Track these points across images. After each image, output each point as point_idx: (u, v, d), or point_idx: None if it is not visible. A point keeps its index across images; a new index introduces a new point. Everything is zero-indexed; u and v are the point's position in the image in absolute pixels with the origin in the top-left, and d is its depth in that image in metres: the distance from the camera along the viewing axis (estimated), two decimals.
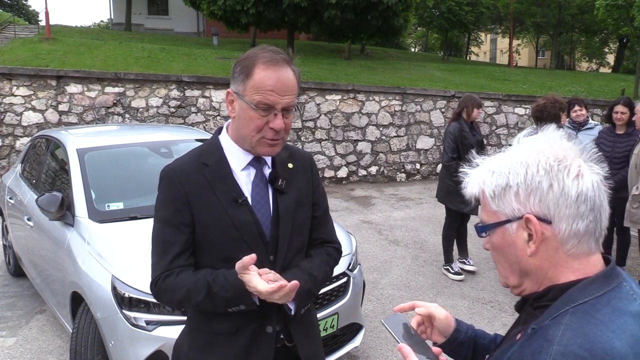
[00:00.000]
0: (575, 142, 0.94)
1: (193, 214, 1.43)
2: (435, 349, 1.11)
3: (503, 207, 0.93)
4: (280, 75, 1.38)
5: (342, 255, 3.19)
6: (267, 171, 1.52)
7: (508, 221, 0.93)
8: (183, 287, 1.40)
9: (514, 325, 1.03)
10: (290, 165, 1.57)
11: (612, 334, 0.79)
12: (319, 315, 2.86)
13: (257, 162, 1.50)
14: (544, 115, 4.27)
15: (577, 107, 5.17)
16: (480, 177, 0.97)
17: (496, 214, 0.94)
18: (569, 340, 0.79)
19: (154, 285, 1.45)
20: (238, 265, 1.32)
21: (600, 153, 0.94)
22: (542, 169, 0.89)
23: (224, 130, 1.54)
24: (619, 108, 4.72)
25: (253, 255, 1.31)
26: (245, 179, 1.49)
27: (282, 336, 1.51)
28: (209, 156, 1.49)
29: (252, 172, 1.50)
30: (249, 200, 1.47)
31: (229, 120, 1.53)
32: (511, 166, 0.92)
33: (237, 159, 1.49)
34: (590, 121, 5.26)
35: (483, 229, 0.98)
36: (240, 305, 1.40)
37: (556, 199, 0.87)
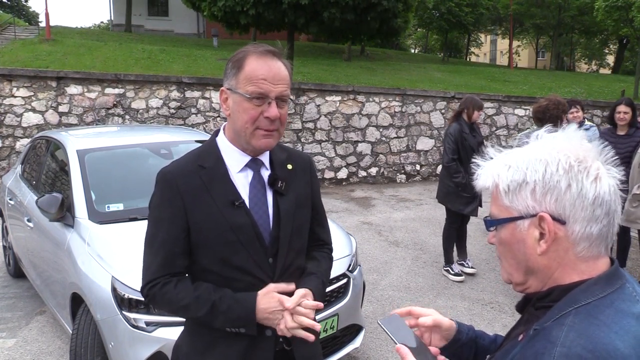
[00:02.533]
0: (595, 143, 0.92)
1: (189, 216, 1.43)
2: (434, 349, 1.11)
3: (517, 204, 0.91)
4: (271, 64, 1.40)
5: (342, 256, 3.23)
6: (265, 172, 1.52)
7: (520, 218, 0.91)
8: (182, 299, 1.42)
9: (515, 326, 1.03)
10: (289, 167, 1.57)
11: (615, 336, 0.79)
12: (319, 316, 2.86)
13: (254, 163, 1.50)
14: (546, 117, 4.25)
15: (573, 109, 5.19)
16: (495, 170, 0.95)
17: (508, 209, 0.93)
18: (572, 342, 0.79)
19: (148, 287, 1.45)
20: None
21: (617, 157, 0.92)
22: (562, 168, 0.87)
23: (221, 132, 1.53)
24: (622, 108, 4.73)
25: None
26: (242, 181, 1.48)
27: (280, 339, 1.51)
28: (206, 158, 1.48)
29: (250, 173, 1.50)
30: (247, 202, 1.46)
31: (226, 122, 1.53)
32: (529, 162, 0.90)
33: (234, 160, 1.48)
34: (586, 122, 5.28)
35: (492, 223, 0.97)
36: (241, 329, 1.43)
37: (573, 200, 0.86)
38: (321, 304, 1.45)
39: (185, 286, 1.43)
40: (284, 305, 1.41)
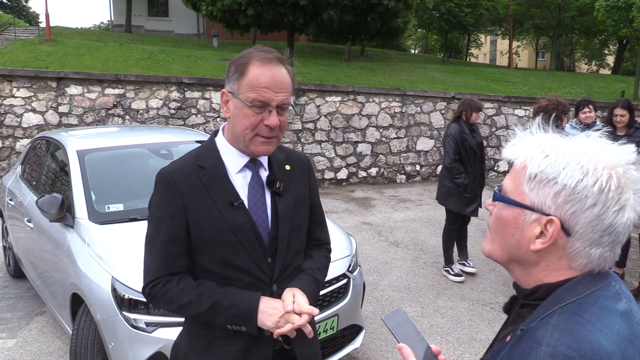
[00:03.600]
0: None
1: (188, 216, 1.43)
2: (435, 349, 1.11)
3: (534, 195, 0.88)
4: (274, 72, 1.39)
5: (342, 256, 3.23)
6: (264, 173, 1.52)
7: (531, 208, 0.88)
8: (184, 296, 1.42)
9: (503, 327, 1.03)
10: (287, 167, 1.57)
11: (600, 333, 0.80)
12: (319, 316, 2.86)
13: (253, 164, 1.50)
14: (546, 117, 4.24)
15: (586, 109, 5.15)
16: (530, 150, 0.90)
17: (523, 194, 0.89)
18: (557, 341, 0.79)
19: (149, 287, 1.46)
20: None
21: None
22: (598, 186, 0.82)
23: (220, 132, 1.54)
24: (618, 111, 4.73)
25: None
26: (241, 182, 1.49)
27: (280, 339, 1.51)
28: (206, 159, 1.49)
29: (248, 174, 1.50)
30: (245, 202, 1.47)
31: (226, 122, 1.53)
32: (569, 163, 0.85)
33: (233, 161, 1.49)
34: (597, 123, 5.24)
35: (500, 199, 0.93)
36: (242, 327, 1.43)
37: (589, 220, 0.84)
38: (315, 310, 1.45)
39: (187, 284, 1.44)
40: (286, 309, 1.41)
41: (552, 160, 0.86)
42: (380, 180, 10.04)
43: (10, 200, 4.64)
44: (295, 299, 1.44)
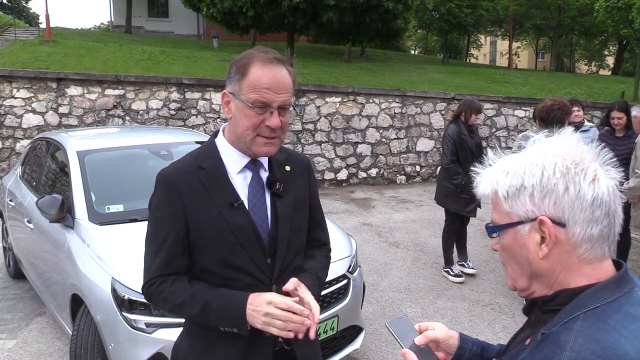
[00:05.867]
0: (592, 145, 0.92)
1: (188, 217, 1.43)
2: (441, 355, 1.11)
3: (516, 209, 0.91)
4: (275, 73, 1.39)
5: (342, 257, 3.23)
6: (264, 174, 1.52)
7: (521, 222, 0.91)
8: (177, 297, 1.42)
9: (522, 329, 1.03)
10: (287, 168, 1.57)
11: (625, 340, 0.79)
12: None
13: (253, 165, 1.50)
14: (549, 117, 4.21)
15: (575, 108, 5.17)
16: (493, 177, 0.96)
17: (509, 214, 0.93)
18: (581, 347, 0.79)
19: (147, 287, 1.47)
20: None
21: (616, 159, 0.92)
22: (559, 171, 0.87)
23: (220, 133, 1.54)
24: (615, 114, 4.74)
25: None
26: (241, 182, 1.49)
27: (280, 340, 1.51)
28: (206, 159, 1.49)
29: (249, 175, 1.50)
30: (246, 203, 1.47)
31: (226, 123, 1.53)
32: (527, 167, 0.91)
33: (233, 161, 1.49)
34: (586, 123, 5.28)
35: (494, 230, 0.97)
36: (234, 329, 1.41)
37: (572, 202, 0.86)
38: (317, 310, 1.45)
39: (180, 285, 1.44)
40: (298, 297, 1.41)
41: (512, 173, 0.93)
42: (380, 181, 10.05)
43: (10, 200, 4.64)
44: (311, 303, 1.44)
